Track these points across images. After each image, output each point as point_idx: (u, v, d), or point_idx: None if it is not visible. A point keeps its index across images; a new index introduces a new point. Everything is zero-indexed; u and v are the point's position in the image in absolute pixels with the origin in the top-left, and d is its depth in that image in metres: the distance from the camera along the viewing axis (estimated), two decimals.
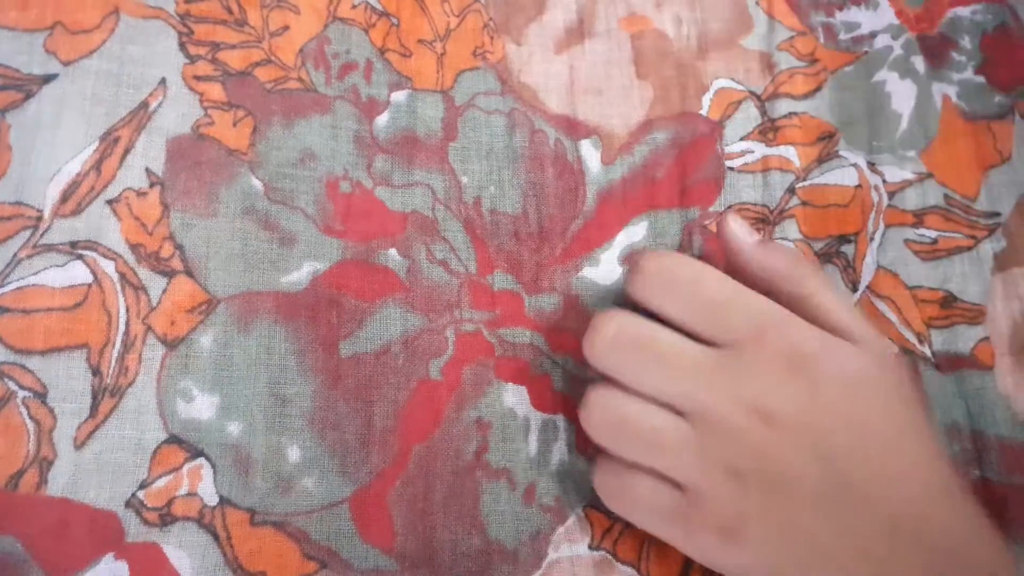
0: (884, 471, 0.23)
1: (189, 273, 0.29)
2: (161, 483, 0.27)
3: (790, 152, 0.34)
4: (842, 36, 0.36)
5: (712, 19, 0.36)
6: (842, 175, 0.33)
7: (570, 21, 0.35)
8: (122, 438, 0.27)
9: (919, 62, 0.35)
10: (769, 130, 0.34)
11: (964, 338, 0.31)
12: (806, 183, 0.33)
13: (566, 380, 0.30)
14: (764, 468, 0.23)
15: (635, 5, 0.36)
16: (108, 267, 0.28)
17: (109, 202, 0.29)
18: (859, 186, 0.33)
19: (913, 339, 0.31)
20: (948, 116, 0.35)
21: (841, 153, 0.34)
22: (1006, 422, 0.30)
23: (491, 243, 0.31)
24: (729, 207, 0.32)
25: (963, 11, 0.37)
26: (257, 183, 0.30)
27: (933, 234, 0.33)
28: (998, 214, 0.33)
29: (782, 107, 0.34)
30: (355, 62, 0.33)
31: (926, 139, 0.35)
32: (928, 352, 0.31)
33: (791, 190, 0.33)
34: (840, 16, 0.37)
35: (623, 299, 0.27)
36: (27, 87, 0.29)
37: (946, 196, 0.34)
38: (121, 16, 0.31)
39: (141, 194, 0.29)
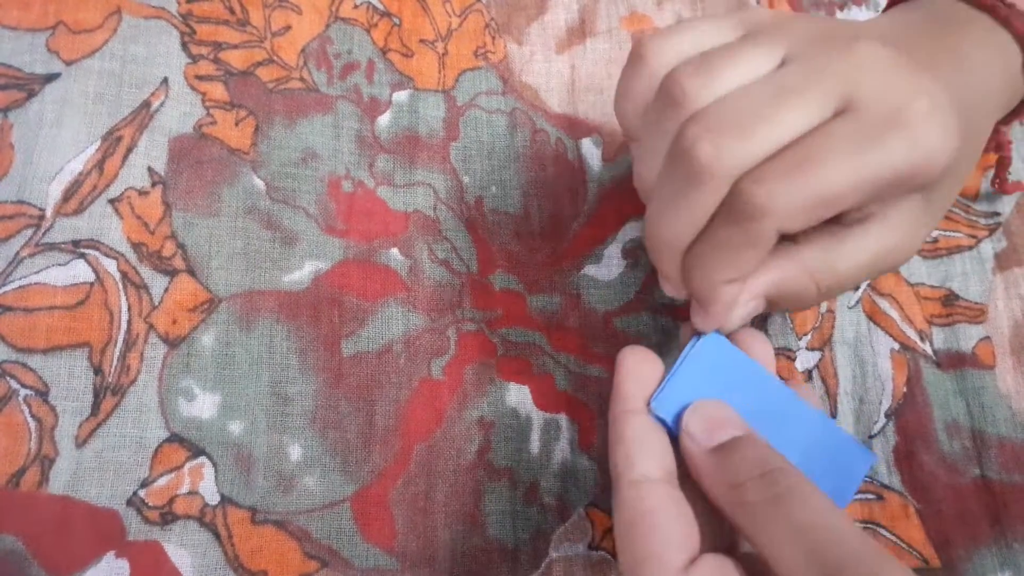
0: None
1: (191, 272, 0.29)
2: (162, 482, 0.26)
3: None
4: None
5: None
6: None
7: (572, 21, 0.35)
8: (123, 436, 0.27)
9: None
10: None
11: (965, 337, 0.31)
12: None
13: (568, 379, 0.30)
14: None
15: (636, 4, 0.36)
16: (110, 266, 0.28)
17: (111, 201, 0.29)
18: None
19: (915, 336, 0.31)
20: None
21: None
22: (1006, 421, 0.30)
23: (493, 243, 0.31)
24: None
25: None
26: (259, 182, 0.30)
27: (934, 233, 0.33)
28: (998, 214, 0.33)
29: None
30: (357, 62, 0.33)
31: None
32: (929, 350, 0.31)
33: None
34: (841, 16, 0.37)
35: None
36: (29, 86, 0.29)
37: None
38: (123, 16, 0.31)
39: (143, 193, 0.29)
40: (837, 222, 0.23)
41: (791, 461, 0.22)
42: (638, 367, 0.24)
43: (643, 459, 0.22)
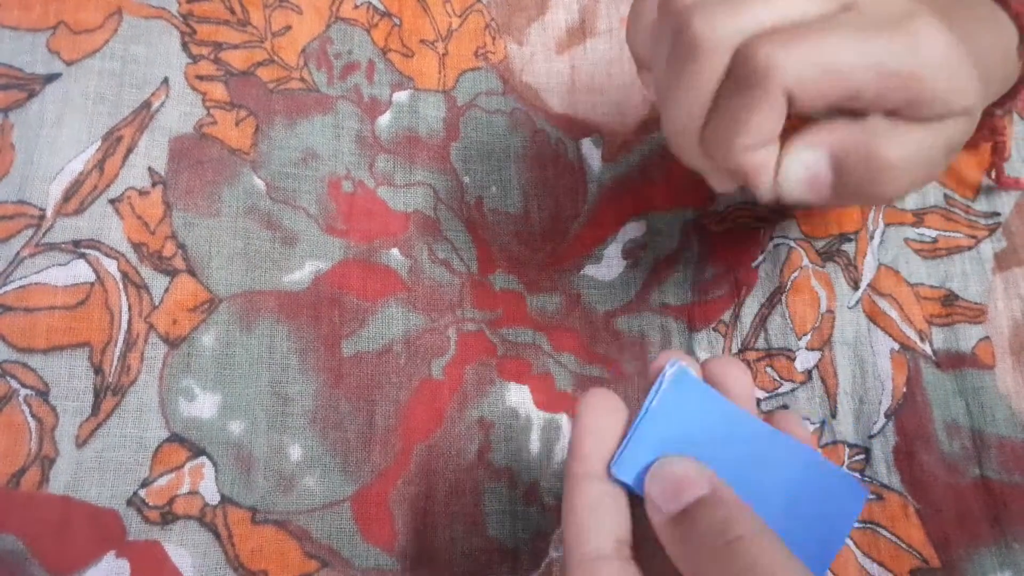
0: None
1: (191, 272, 0.29)
2: (162, 481, 0.26)
3: None
4: None
5: None
6: None
7: (572, 21, 0.35)
8: (124, 436, 0.27)
9: None
10: None
11: (965, 337, 0.31)
12: None
13: (569, 379, 0.30)
14: None
15: None
16: (110, 266, 0.28)
17: (112, 201, 0.29)
18: None
19: (915, 336, 0.31)
20: None
21: None
22: (1006, 421, 0.30)
23: (493, 243, 0.32)
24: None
25: None
26: (259, 182, 0.30)
27: (933, 233, 0.33)
28: (998, 214, 0.33)
29: None
30: (357, 62, 0.33)
31: None
32: (929, 350, 0.31)
33: None
34: None
35: None
36: (30, 86, 0.29)
37: (946, 196, 0.34)
38: (124, 16, 0.31)
39: (143, 193, 0.29)
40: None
41: (778, 507, 0.20)
42: (598, 421, 0.22)
43: (595, 533, 0.21)
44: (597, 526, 0.21)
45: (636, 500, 0.21)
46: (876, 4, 0.22)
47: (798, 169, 0.22)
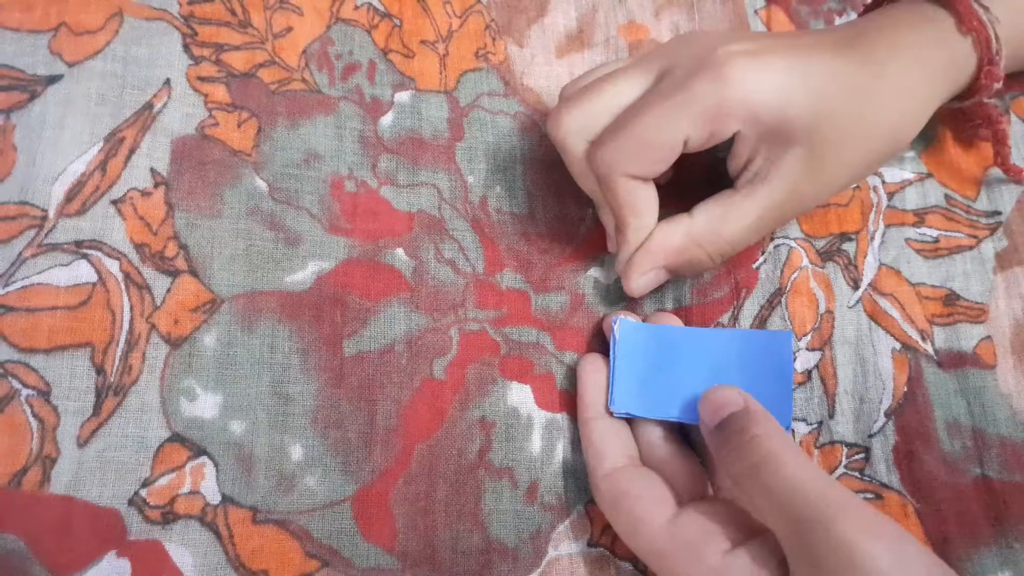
0: None
1: (193, 272, 0.29)
2: (164, 481, 0.27)
3: None
4: None
5: (710, 28, 0.36)
6: None
7: (571, 27, 0.36)
8: (125, 436, 0.27)
9: None
10: None
11: (966, 336, 0.31)
12: None
13: (570, 378, 0.30)
14: None
15: (634, 13, 0.36)
16: (112, 266, 0.28)
17: (114, 202, 0.29)
18: (858, 187, 0.33)
19: (916, 336, 0.31)
20: (947, 116, 0.35)
21: None
22: (1007, 420, 0.30)
23: (500, 242, 0.32)
24: None
25: None
26: (261, 183, 0.30)
27: (934, 233, 0.33)
28: (999, 213, 0.33)
29: None
30: (358, 63, 0.33)
31: (925, 140, 0.35)
32: (931, 349, 0.31)
33: None
34: (839, 23, 0.37)
35: None
36: (32, 88, 0.29)
37: (947, 196, 0.34)
38: (125, 18, 0.31)
39: (146, 194, 0.29)
40: (731, 187, 0.27)
41: (737, 381, 0.26)
42: (594, 376, 0.29)
43: (609, 455, 0.27)
44: (608, 450, 0.27)
45: (636, 426, 0.28)
46: (685, 57, 0.26)
47: (644, 287, 0.28)
